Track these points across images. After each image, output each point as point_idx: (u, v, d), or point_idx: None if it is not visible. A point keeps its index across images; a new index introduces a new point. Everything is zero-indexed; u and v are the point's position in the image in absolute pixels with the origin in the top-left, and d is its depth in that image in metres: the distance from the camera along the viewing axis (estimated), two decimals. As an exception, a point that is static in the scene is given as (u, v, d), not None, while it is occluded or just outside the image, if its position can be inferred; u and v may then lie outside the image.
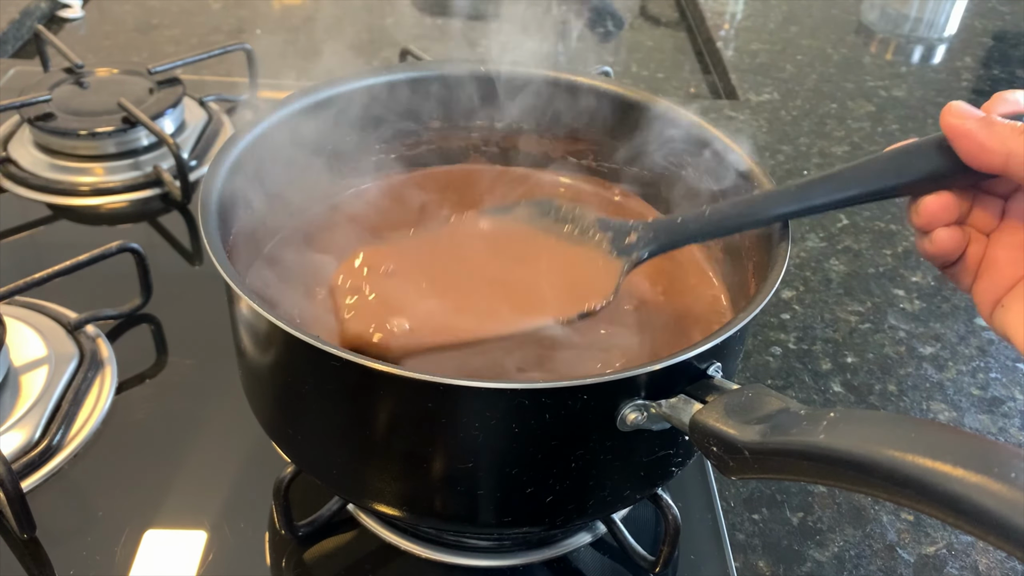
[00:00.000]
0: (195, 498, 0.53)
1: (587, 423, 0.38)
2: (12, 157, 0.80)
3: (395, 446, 0.41)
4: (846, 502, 0.57)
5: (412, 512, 0.43)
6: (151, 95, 0.83)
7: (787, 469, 0.32)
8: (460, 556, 0.51)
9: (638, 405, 0.38)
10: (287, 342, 0.39)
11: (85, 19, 1.12)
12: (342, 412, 0.41)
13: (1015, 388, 0.67)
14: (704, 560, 0.52)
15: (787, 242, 0.44)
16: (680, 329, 0.52)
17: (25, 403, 0.56)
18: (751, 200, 0.45)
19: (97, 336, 0.63)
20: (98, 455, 0.56)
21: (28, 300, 0.64)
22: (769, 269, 0.44)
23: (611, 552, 0.52)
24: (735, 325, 0.39)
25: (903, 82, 1.09)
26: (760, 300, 0.40)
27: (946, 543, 0.55)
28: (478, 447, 0.39)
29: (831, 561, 0.53)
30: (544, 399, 0.37)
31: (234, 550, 0.51)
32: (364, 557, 0.51)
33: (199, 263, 0.73)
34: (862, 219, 0.84)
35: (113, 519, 0.52)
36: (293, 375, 0.41)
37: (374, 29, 1.15)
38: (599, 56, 1.13)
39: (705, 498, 0.56)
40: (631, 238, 0.46)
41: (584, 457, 0.40)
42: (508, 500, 0.41)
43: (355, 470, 0.43)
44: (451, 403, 0.37)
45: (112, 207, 0.78)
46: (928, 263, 0.54)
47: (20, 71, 0.95)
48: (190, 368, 0.62)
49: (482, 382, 0.36)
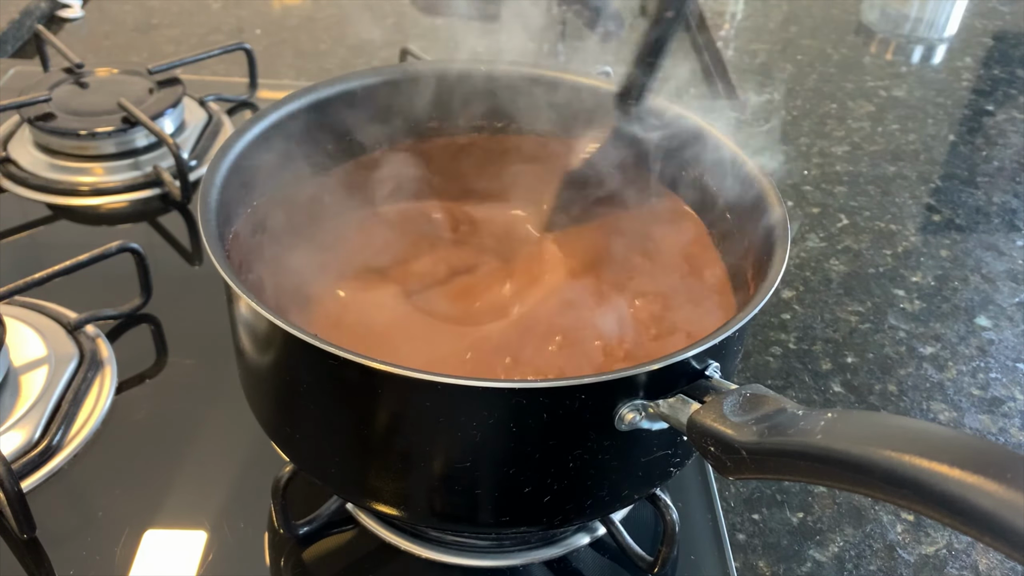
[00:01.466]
0: (195, 498, 0.53)
1: (585, 423, 0.38)
2: (12, 157, 0.80)
3: (392, 445, 0.41)
4: (846, 502, 0.57)
5: (409, 511, 0.43)
6: (151, 95, 0.83)
7: (784, 469, 0.32)
8: (459, 556, 0.51)
9: (636, 405, 0.38)
10: (284, 340, 0.39)
11: (85, 19, 1.12)
12: (339, 411, 0.41)
13: (1015, 388, 0.67)
14: (704, 560, 0.52)
15: (787, 242, 0.44)
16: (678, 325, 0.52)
17: (25, 403, 0.56)
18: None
19: (97, 336, 0.63)
20: (98, 455, 0.56)
21: (28, 300, 0.64)
22: (769, 269, 0.44)
23: (610, 552, 0.52)
24: (734, 325, 0.39)
25: (903, 82, 1.09)
26: (759, 300, 0.40)
27: (946, 543, 0.55)
28: (475, 446, 0.39)
29: (831, 561, 0.53)
30: (541, 398, 0.37)
31: (234, 550, 0.51)
32: (363, 557, 0.51)
33: (199, 263, 0.73)
34: (862, 219, 0.84)
35: (113, 519, 0.52)
36: (291, 373, 0.41)
37: (374, 29, 1.15)
38: (599, 56, 1.13)
39: (705, 498, 0.56)
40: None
41: (582, 457, 0.40)
42: (506, 499, 0.41)
43: (353, 469, 0.43)
44: (448, 402, 0.37)
45: (112, 207, 0.78)
46: (928, 263, 0.54)
47: (20, 71, 0.95)
48: (190, 368, 0.62)
49: (480, 381, 0.36)
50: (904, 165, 0.92)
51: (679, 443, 0.43)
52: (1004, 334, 0.72)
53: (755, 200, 0.48)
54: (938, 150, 0.96)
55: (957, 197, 0.88)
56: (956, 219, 0.85)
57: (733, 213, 0.51)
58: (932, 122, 1.00)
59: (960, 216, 0.86)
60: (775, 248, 0.44)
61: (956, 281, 0.77)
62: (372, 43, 1.11)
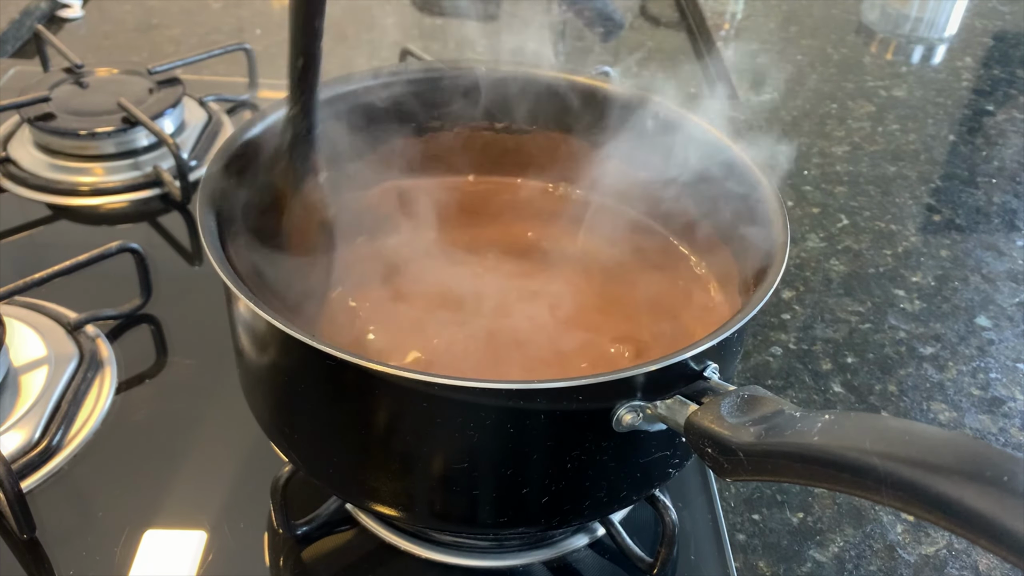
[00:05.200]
0: (195, 498, 0.53)
1: (582, 424, 0.38)
2: (12, 157, 0.80)
3: (390, 446, 0.41)
4: (846, 502, 0.57)
5: (408, 512, 0.43)
6: (151, 95, 0.83)
7: (781, 471, 0.32)
8: (459, 556, 0.51)
9: (634, 406, 0.38)
10: (283, 341, 0.39)
11: (85, 19, 1.12)
12: (338, 412, 0.41)
13: (1015, 388, 0.67)
14: (704, 560, 0.52)
15: (786, 242, 0.44)
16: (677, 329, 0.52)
17: (25, 403, 0.56)
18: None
19: (97, 336, 0.63)
20: (98, 455, 0.56)
21: (28, 300, 0.64)
22: (768, 269, 0.44)
23: (610, 553, 0.52)
24: (732, 326, 0.39)
25: (903, 82, 1.09)
26: (758, 300, 0.40)
27: (946, 543, 0.55)
28: (473, 447, 0.39)
29: (831, 561, 0.53)
30: (539, 399, 0.37)
31: (233, 550, 0.51)
32: (363, 557, 0.51)
33: (199, 263, 0.73)
34: (862, 219, 0.84)
35: (113, 519, 0.52)
36: (289, 374, 0.41)
37: (374, 29, 1.15)
38: (599, 56, 1.13)
39: (705, 498, 0.56)
40: None
41: (579, 458, 0.40)
42: (504, 500, 0.41)
43: (351, 470, 0.43)
44: (445, 402, 0.37)
45: (112, 207, 0.78)
46: (928, 263, 0.54)
47: (20, 71, 0.95)
48: (190, 368, 0.62)
49: (476, 381, 0.36)
50: (904, 165, 0.92)
51: (678, 445, 0.43)
52: (1004, 334, 0.72)
53: (754, 199, 0.48)
54: (938, 150, 0.96)
55: (957, 197, 0.88)
56: (956, 219, 0.85)
57: (732, 213, 0.51)
58: (932, 122, 1.00)
59: (960, 216, 0.86)
60: (775, 248, 0.44)
61: (956, 281, 0.77)
62: (372, 43, 1.11)
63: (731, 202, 0.51)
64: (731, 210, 0.51)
